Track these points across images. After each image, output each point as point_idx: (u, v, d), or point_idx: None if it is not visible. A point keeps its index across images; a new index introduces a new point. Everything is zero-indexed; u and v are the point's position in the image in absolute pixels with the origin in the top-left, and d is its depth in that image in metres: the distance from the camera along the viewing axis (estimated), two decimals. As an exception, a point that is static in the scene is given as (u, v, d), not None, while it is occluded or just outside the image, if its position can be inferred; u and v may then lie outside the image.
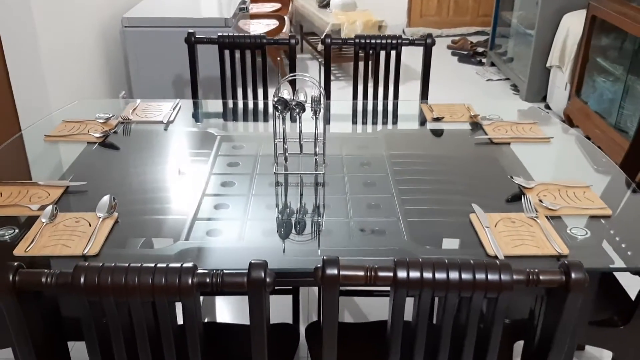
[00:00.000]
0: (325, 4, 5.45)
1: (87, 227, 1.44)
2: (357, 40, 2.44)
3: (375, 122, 2.29)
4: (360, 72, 2.49)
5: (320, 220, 1.56)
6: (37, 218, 1.48)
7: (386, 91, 2.52)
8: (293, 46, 2.42)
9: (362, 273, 1.01)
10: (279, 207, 1.62)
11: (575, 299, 1.02)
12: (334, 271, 1.00)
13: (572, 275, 1.00)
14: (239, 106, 2.47)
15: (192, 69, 2.49)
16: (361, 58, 2.49)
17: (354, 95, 2.54)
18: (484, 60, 5.73)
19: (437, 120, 2.13)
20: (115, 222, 1.48)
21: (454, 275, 0.99)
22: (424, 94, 2.51)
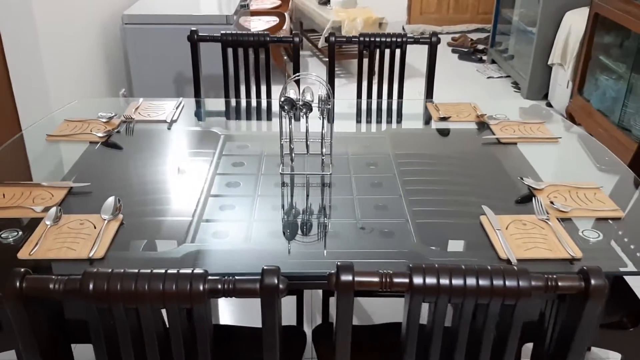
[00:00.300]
0: (325, 1, 5.41)
1: (92, 230, 1.41)
2: (361, 39, 2.42)
3: (379, 121, 2.27)
4: (361, 71, 2.47)
5: (328, 222, 1.54)
6: (40, 220, 1.45)
7: (390, 90, 2.50)
8: (297, 44, 2.40)
9: (376, 279, 0.99)
10: (285, 209, 1.60)
11: (594, 305, 1.00)
12: (349, 277, 0.97)
13: (592, 282, 0.98)
14: (242, 105, 2.44)
15: (195, 67, 2.46)
16: (364, 56, 2.47)
17: (358, 94, 2.52)
18: (484, 58, 5.70)
19: (443, 119, 2.11)
20: (120, 224, 1.46)
21: (471, 281, 0.97)
22: (429, 93, 2.48)
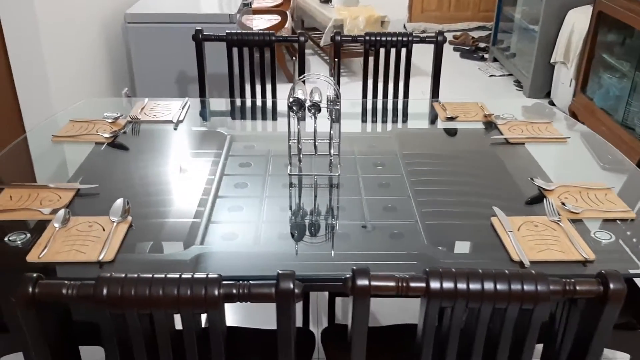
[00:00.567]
0: (327, -1, 5.40)
1: (101, 232, 1.40)
2: (367, 38, 2.40)
3: (385, 121, 2.26)
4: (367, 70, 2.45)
5: (338, 223, 1.53)
6: (48, 222, 1.44)
7: (396, 89, 2.49)
8: (302, 44, 2.38)
9: (393, 283, 0.98)
10: (294, 210, 1.59)
11: (612, 309, 0.99)
12: (365, 282, 0.96)
13: (611, 286, 0.97)
14: (247, 104, 2.43)
15: (200, 67, 2.44)
16: (364, 54, 2.45)
17: (364, 94, 2.50)
18: (486, 56, 5.69)
19: (450, 119, 2.09)
20: (129, 227, 1.44)
21: (488, 286, 0.96)
22: (435, 93, 2.47)
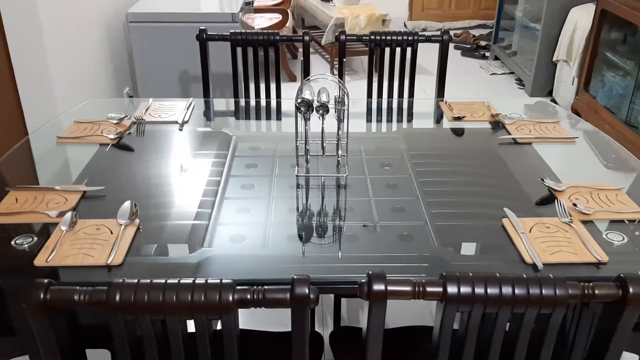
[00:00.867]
0: (328, -2, 5.38)
1: (108, 235, 1.39)
2: (372, 37, 2.39)
3: (390, 120, 2.24)
4: (365, 68, 2.43)
5: (347, 225, 1.52)
6: (55, 225, 1.42)
7: (401, 88, 2.47)
8: (307, 43, 2.36)
9: (409, 288, 0.96)
10: (302, 211, 1.58)
11: (632, 313, 0.98)
12: (382, 287, 0.95)
13: (631, 290, 0.95)
14: (251, 104, 2.41)
15: (204, 67, 2.42)
16: (366, 53, 2.44)
17: (369, 93, 2.49)
18: (487, 54, 5.68)
19: (458, 119, 2.08)
20: (137, 229, 1.43)
21: (507, 290, 0.95)
22: (440, 92, 2.46)
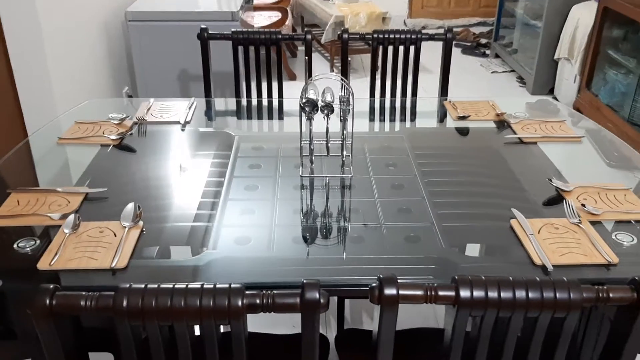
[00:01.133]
0: (327, -5, 5.36)
1: (112, 238, 1.37)
2: (374, 36, 2.37)
3: (393, 120, 2.23)
4: (365, 66, 2.42)
5: (353, 226, 1.50)
6: (57, 228, 1.41)
7: (404, 87, 2.45)
8: (309, 42, 2.34)
9: (421, 292, 0.95)
10: (307, 213, 1.56)
11: (647, 316, 0.96)
12: (393, 291, 0.93)
13: (646, 293, 0.94)
14: (253, 104, 2.39)
15: (205, 66, 2.40)
16: (366, 51, 2.42)
17: (371, 93, 2.47)
18: (487, 52, 5.66)
19: (462, 118, 2.06)
20: (140, 232, 1.41)
21: (520, 294, 0.93)
22: (444, 91, 2.44)
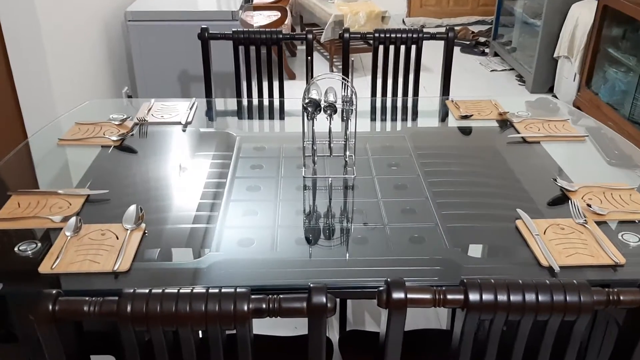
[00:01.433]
0: (326, -6, 5.34)
1: (114, 240, 1.35)
2: (376, 35, 2.36)
3: (395, 119, 2.21)
4: (365, 66, 2.40)
5: (357, 227, 1.49)
6: (58, 230, 1.39)
7: (406, 87, 2.44)
8: (310, 42, 2.33)
9: (429, 296, 0.94)
10: (310, 214, 1.55)
11: (657, 319, 0.95)
12: (401, 295, 0.92)
13: (657, 295, 0.93)
14: (254, 104, 2.38)
15: (206, 66, 2.39)
16: (367, 50, 2.41)
17: (373, 92, 2.46)
18: (486, 51, 5.65)
19: (465, 118, 2.05)
20: (143, 234, 1.40)
21: (530, 297, 0.92)
22: (445, 90, 2.43)
